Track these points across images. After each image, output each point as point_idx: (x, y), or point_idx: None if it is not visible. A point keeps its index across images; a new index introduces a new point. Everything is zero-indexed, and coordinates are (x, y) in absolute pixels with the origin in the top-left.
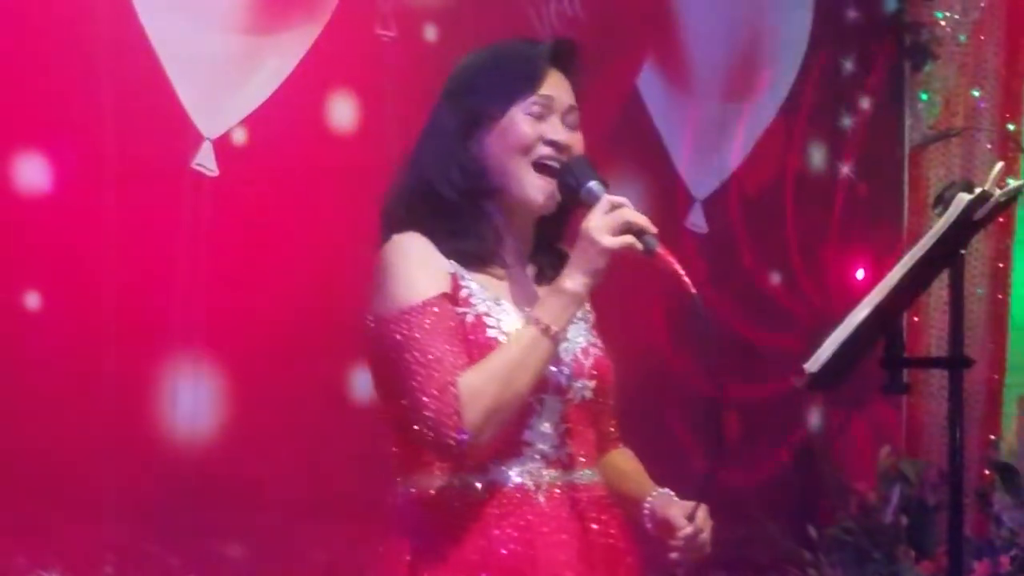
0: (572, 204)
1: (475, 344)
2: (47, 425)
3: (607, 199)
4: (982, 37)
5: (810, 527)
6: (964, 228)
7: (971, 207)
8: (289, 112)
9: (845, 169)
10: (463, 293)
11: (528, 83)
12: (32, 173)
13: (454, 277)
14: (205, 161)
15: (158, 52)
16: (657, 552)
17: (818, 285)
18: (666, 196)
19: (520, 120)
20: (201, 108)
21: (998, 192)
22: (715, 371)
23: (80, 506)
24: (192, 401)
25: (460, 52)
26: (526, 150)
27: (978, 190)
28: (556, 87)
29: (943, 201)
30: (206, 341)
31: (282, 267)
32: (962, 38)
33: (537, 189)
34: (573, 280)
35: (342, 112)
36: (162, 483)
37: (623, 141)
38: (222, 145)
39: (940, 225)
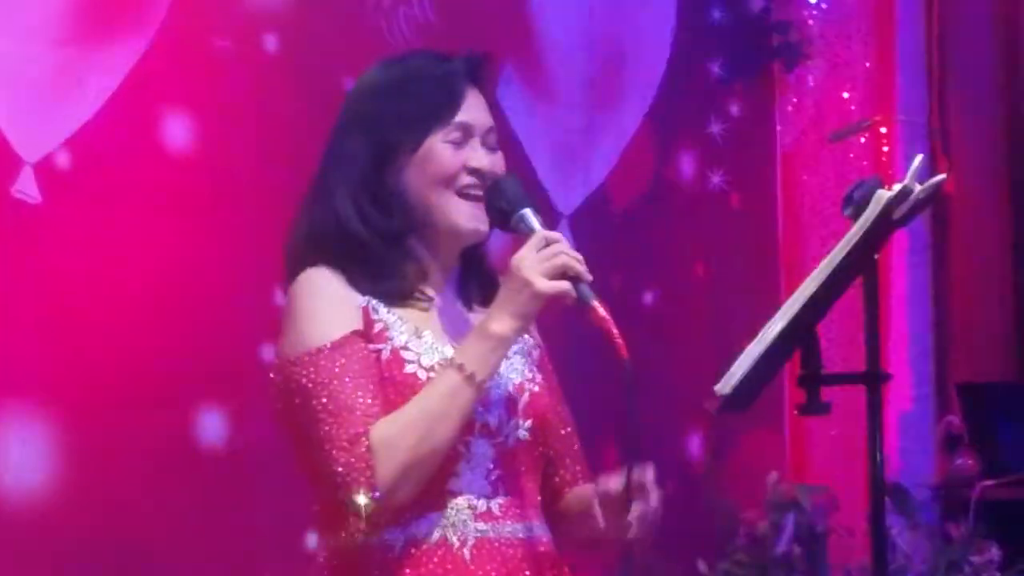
0: (503, 229)
1: (391, 381)
2: None
3: (542, 234)
4: (851, 37)
5: (700, 562)
6: (881, 229)
7: (890, 205)
8: (117, 132)
9: (716, 178)
10: (377, 328)
11: (446, 109)
12: None
13: (366, 311)
14: (26, 187)
15: None
16: None
17: (693, 302)
18: None
19: (439, 150)
20: (20, 130)
21: (918, 188)
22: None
23: None
24: (19, 456)
25: (304, 63)
26: (449, 181)
27: (897, 186)
28: (473, 108)
29: (853, 202)
30: (34, 390)
31: (115, 303)
32: (831, 38)
33: (466, 216)
34: (501, 323)
35: (175, 131)
36: None
37: None
38: (43, 169)
39: (858, 226)
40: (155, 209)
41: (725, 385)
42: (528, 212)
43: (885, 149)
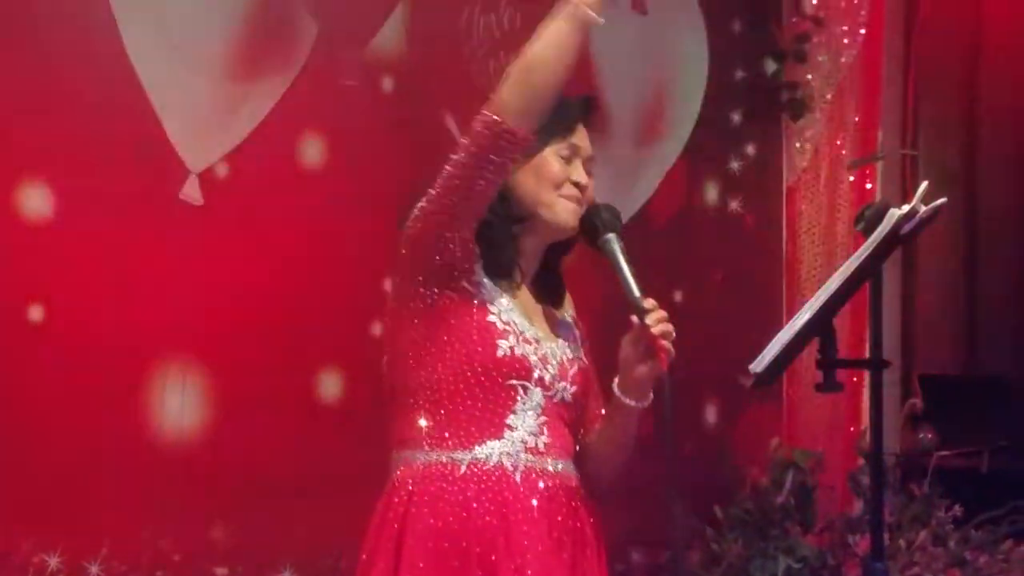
0: (588, 244)
1: (474, 323)
2: (52, 426)
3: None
4: (844, 96)
5: (716, 507)
6: (891, 242)
7: (900, 221)
8: (265, 150)
9: (734, 204)
10: (475, 277)
11: (563, 130)
12: (36, 201)
13: (473, 266)
14: (191, 192)
15: (149, 95)
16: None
17: (712, 300)
18: None
19: (553, 159)
20: (187, 146)
21: (923, 208)
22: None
23: (80, 498)
24: (179, 403)
25: (413, 100)
26: (557, 185)
27: (906, 206)
28: (582, 137)
29: (864, 219)
30: (192, 350)
31: (258, 286)
32: (828, 96)
33: (569, 212)
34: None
35: (310, 150)
36: (153, 476)
37: None
38: (206, 178)
39: (873, 238)
40: (292, 210)
41: (759, 364)
42: (614, 237)
43: (869, 187)
